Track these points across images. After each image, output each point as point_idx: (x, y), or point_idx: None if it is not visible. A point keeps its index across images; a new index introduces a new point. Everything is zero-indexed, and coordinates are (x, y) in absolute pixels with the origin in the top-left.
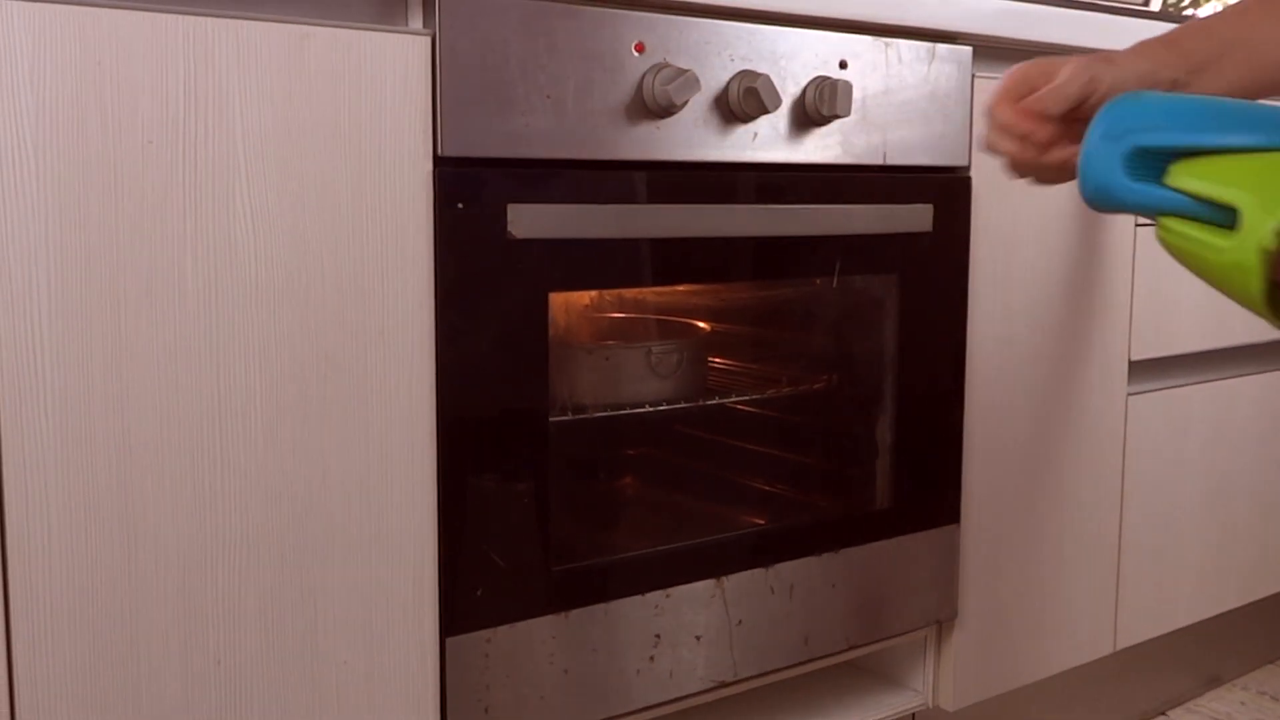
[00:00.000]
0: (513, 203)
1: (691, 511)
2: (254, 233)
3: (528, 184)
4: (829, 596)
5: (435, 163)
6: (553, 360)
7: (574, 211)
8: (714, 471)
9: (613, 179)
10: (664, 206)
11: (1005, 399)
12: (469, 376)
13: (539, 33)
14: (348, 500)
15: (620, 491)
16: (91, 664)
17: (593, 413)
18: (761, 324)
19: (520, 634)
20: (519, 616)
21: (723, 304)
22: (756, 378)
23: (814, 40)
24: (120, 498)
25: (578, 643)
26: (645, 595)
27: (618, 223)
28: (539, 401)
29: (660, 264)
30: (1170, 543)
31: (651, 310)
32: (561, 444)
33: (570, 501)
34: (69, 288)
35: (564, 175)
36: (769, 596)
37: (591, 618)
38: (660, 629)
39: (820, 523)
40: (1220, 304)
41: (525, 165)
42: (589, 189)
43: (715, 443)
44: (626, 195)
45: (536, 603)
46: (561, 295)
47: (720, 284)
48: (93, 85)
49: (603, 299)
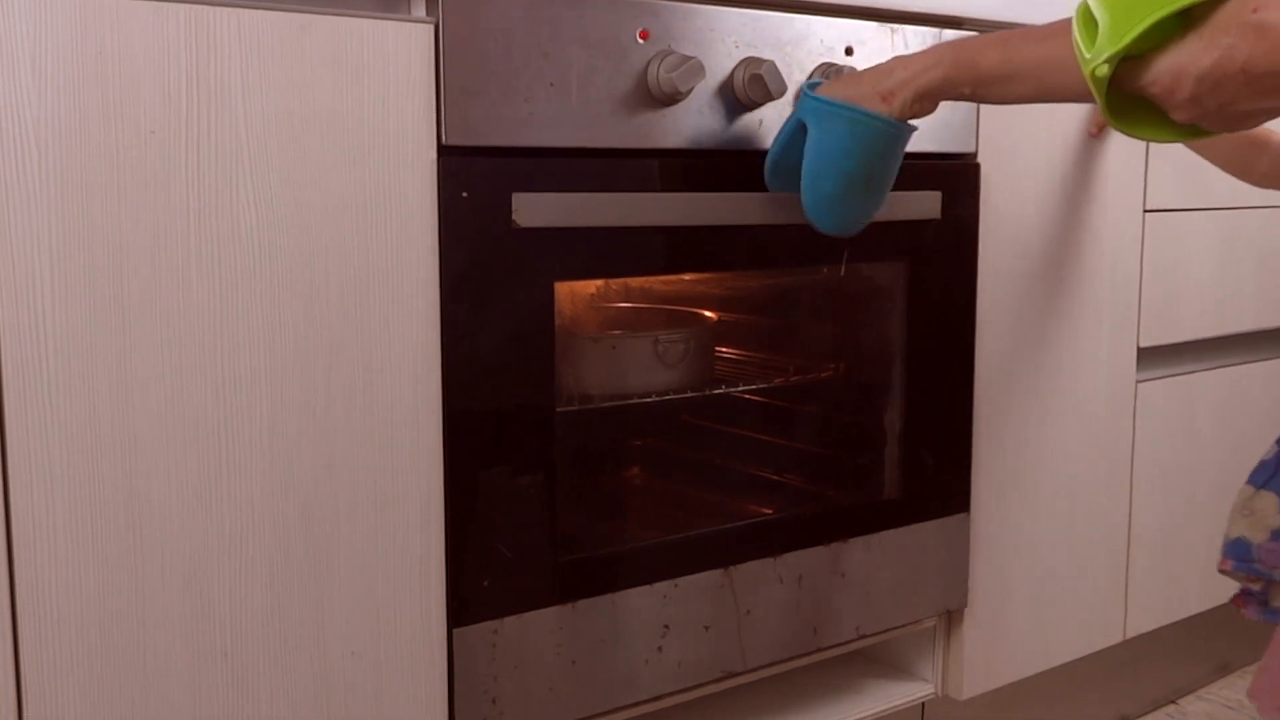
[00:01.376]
0: (517, 191)
1: (699, 501)
2: (257, 222)
3: (532, 172)
4: (838, 586)
5: (439, 151)
6: (559, 350)
7: (579, 200)
8: (722, 461)
9: (618, 167)
10: (670, 194)
11: (1014, 386)
12: (475, 367)
13: (542, 20)
14: (354, 491)
15: (628, 482)
16: (98, 657)
17: (599, 403)
18: (769, 313)
19: (528, 625)
20: (527, 607)
21: (729, 293)
22: (764, 366)
23: (819, 26)
24: (125, 490)
25: (586, 633)
26: (653, 585)
27: (623, 211)
28: (545, 392)
29: (666, 252)
30: (1180, 530)
31: (658, 300)
32: (568, 434)
33: (577, 492)
34: (72, 278)
35: (569, 164)
36: (777, 586)
37: (599, 608)
38: (668, 619)
39: (829, 512)
40: (1228, 290)
41: (530, 154)
42: (594, 177)
43: (723, 432)
44: (632, 183)
45: (544, 593)
46: (567, 285)
47: (727, 273)
48: (94, 74)
49: (609, 288)
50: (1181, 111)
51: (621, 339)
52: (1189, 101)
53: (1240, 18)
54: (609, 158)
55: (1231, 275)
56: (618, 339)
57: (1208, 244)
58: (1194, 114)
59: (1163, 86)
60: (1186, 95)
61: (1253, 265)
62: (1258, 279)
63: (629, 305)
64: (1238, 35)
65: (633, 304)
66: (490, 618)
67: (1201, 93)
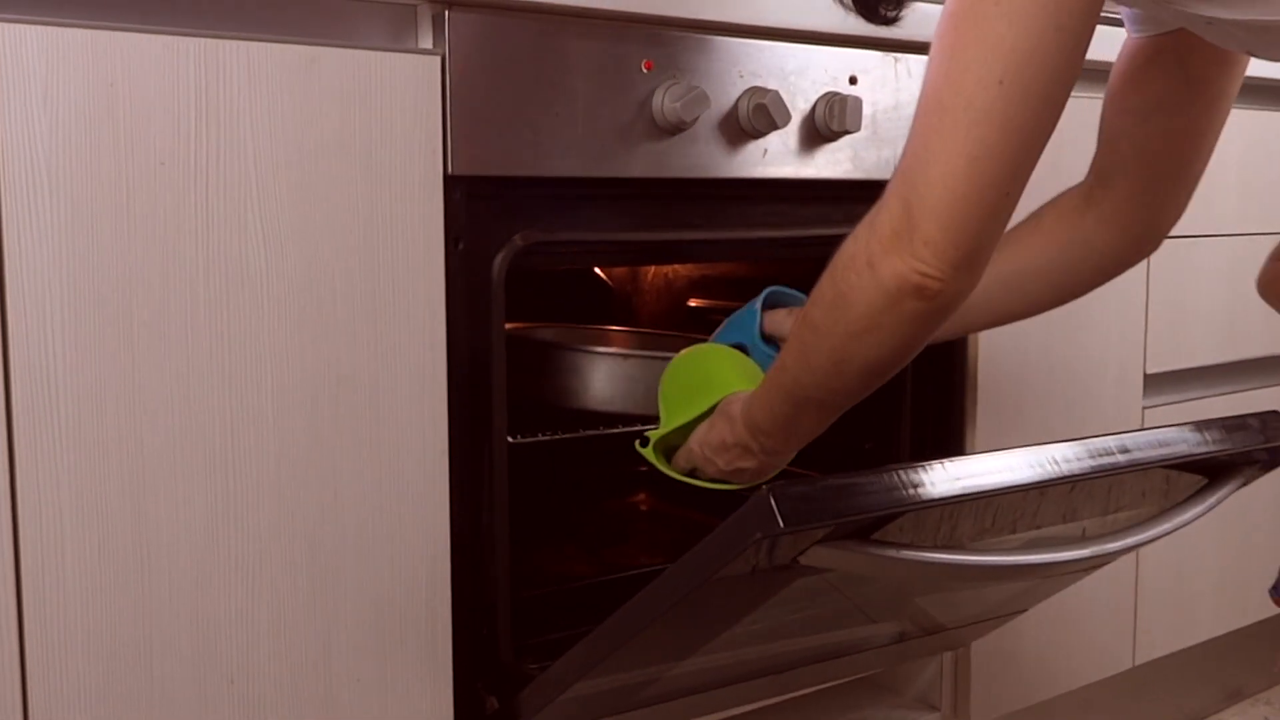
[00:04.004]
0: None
1: (702, 526)
2: (266, 251)
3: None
4: None
5: (445, 181)
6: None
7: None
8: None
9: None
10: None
11: (1020, 412)
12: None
13: (548, 51)
14: (360, 520)
15: (633, 508)
16: (105, 683)
17: (605, 429)
18: None
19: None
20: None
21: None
22: None
23: (823, 56)
24: (134, 517)
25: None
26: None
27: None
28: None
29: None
30: (1189, 556)
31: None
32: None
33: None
34: (82, 307)
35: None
36: None
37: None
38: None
39: None
40: (1236, 316)
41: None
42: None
43: None
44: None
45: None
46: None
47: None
48: (105, 106)
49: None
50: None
51: (635, 362)
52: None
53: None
54: (614, 187)
55: (1239, 301)
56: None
57: (1215, 270)
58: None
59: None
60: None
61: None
62: (1265, 305)
63: (627, 329)
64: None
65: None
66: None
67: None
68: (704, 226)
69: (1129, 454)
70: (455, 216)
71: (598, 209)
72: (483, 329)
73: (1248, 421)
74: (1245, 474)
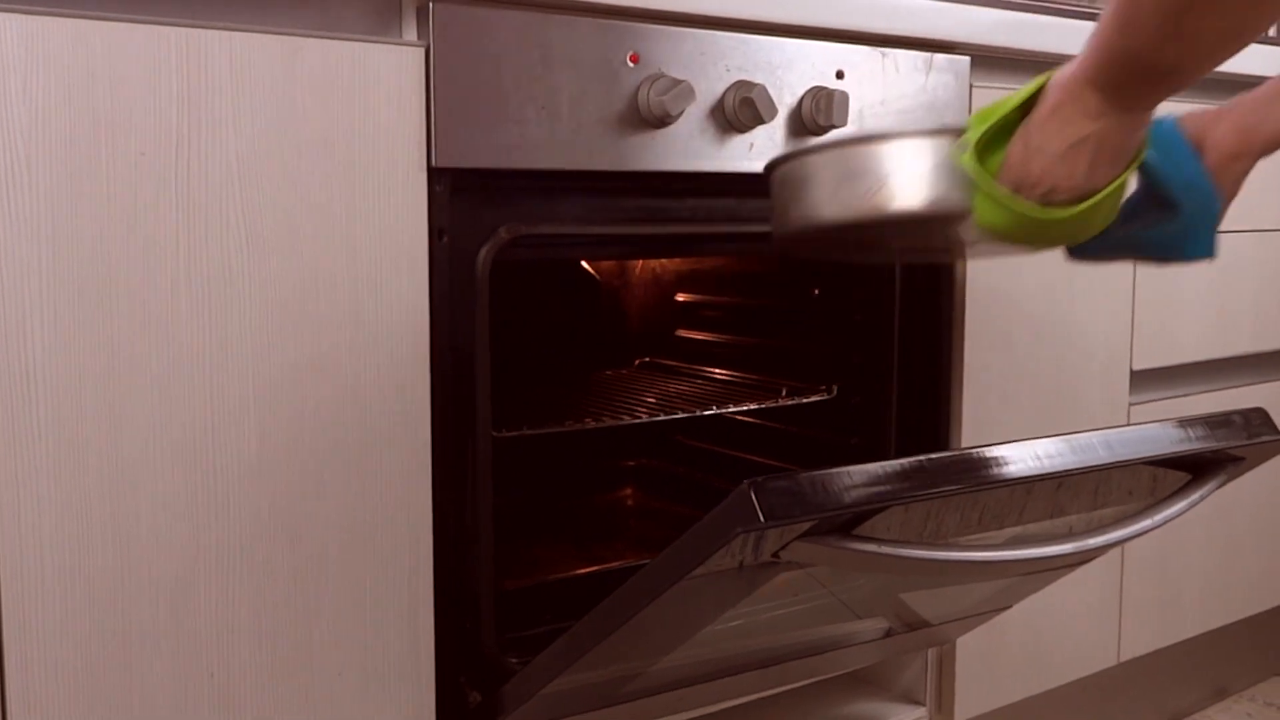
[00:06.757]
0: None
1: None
2: (248, 243)
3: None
4: None
5: (429, 174)
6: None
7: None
8: (710, 482)
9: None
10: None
11: (1006, 409)
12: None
13: (533, 44)
14: (342, 517)
15: (620, 503)
16: (84, 677)
17: (590, 424)
18: (759, 334)
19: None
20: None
21: (720, 315)
22: (755, 388)
23: (810, 50)
24: (113, 512)
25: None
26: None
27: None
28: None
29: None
30: (1174, 553)
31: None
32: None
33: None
34: (61, 301)
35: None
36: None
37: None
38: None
39: None
40: (1223, 313)
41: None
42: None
43: (714, 453)
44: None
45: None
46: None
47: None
48: (85, 96)
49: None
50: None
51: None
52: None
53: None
54: (599, 180)
55: (1226, 298)
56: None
57: (1202, 267)
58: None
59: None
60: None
61: (1248, 288)
62: (1254, 302)
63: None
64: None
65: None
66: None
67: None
68: (690, 220)
69: (1113, 451)
70: (439, 209)
71: (583, 202)
72: (467, 322)
73: (1231, 418)
74: (1229, 471)
